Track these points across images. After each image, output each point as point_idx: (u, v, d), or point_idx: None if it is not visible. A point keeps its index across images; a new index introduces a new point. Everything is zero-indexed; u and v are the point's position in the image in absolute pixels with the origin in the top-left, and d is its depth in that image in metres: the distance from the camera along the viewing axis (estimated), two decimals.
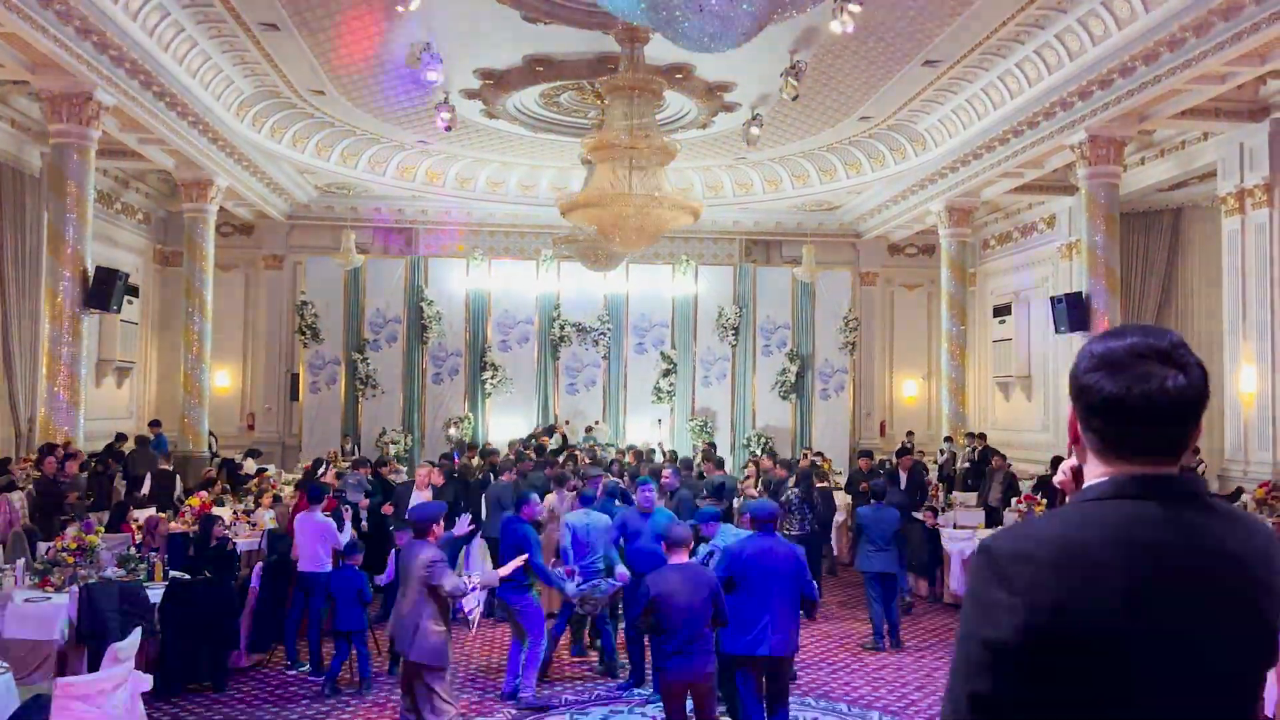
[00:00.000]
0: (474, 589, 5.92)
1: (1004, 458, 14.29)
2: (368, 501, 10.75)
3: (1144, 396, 1.47)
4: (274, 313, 20.32)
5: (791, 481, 11.33)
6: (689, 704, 5.64)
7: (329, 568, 8.24)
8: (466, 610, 6.40)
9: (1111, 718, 1.45)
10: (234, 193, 17.04)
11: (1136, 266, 16.26)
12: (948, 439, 17.00)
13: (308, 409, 19.94)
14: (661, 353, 20.84)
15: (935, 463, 16.89)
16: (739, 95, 14.29)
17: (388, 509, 10.40)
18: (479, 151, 17.64)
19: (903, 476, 13.14)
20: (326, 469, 12.39)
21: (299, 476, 14.60)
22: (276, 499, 11.81)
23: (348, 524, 8.63)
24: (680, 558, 5.68)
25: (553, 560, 8.06)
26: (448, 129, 14.20)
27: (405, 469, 16.62)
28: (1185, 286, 16.33)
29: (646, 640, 6.69)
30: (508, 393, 20.16)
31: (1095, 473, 1.55)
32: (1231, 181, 13.41)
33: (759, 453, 18.60)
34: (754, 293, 21.23)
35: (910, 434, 19.19)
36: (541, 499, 8.47)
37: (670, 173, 14.02)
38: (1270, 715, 6.18)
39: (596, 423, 19.92)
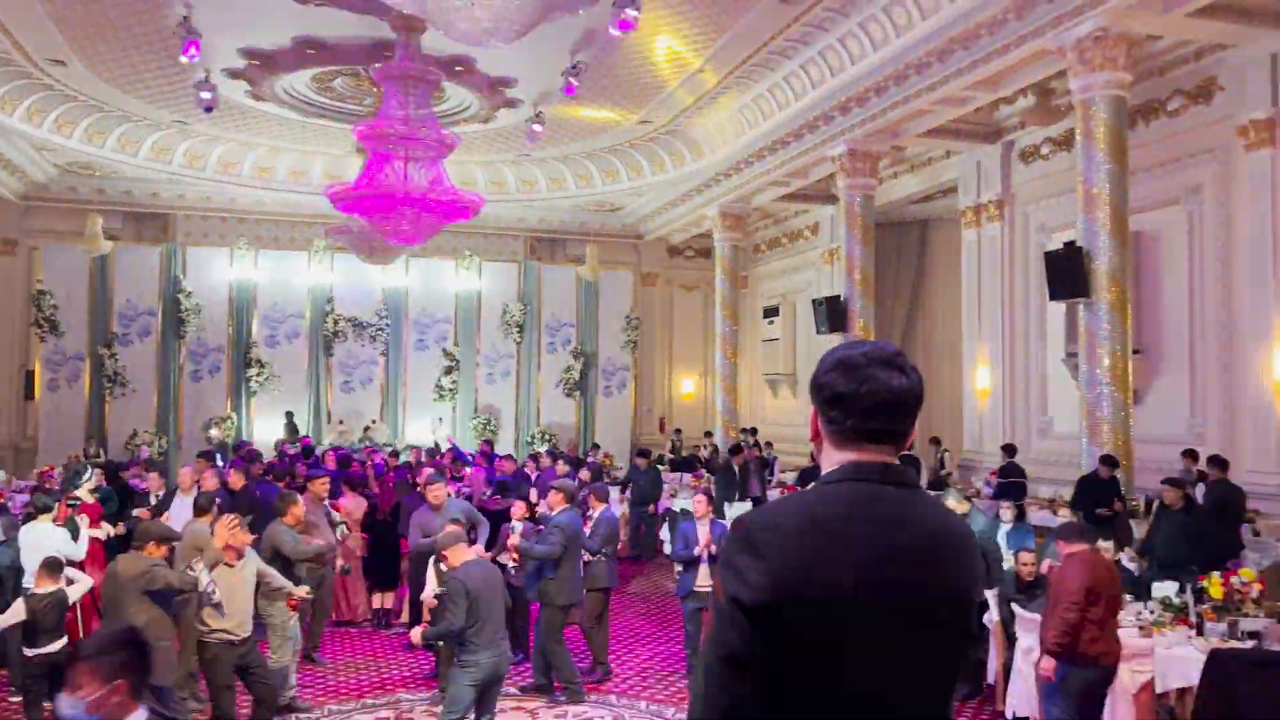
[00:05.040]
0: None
1: (752, 448, 15.02)
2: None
3: (871, 393, 1.74)
4: (5, 303, 18.28)
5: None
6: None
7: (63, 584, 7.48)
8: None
9: (845, 666, 1.64)
10: None
11: (890, 273, 17.51)
12: (708, 433, 17.76)
13: (45, 409, 18.11)
14: (444, 350, 20.46)
15: (702, 458, 17.54)
16: (521, 91, 14.23)
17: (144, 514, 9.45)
18: (245, 134, 16.62)
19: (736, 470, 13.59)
20: (90, 475, 10.98)
21: (33, 482, 13.23)
22: (3, 509, 10.58)
23: (84, 533, 7.88)
24: (465, 554, 5.71)
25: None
26: (209, 110, 13.28)
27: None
28: (932, 292, 17.76)
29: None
30: (275, 391, 19.13)
31: (833, 461, 1.78)
32: (970, 197, 14.72)
33: (549, 448, 18.60)
34: (539, 290, 21.25)
35: (752, 430, 19.66)
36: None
37: (451, 166, 13.76)
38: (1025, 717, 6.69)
39: (374, 421, 19.31)
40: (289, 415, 18.54)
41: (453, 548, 5.77)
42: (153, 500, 9.29)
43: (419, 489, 9.64)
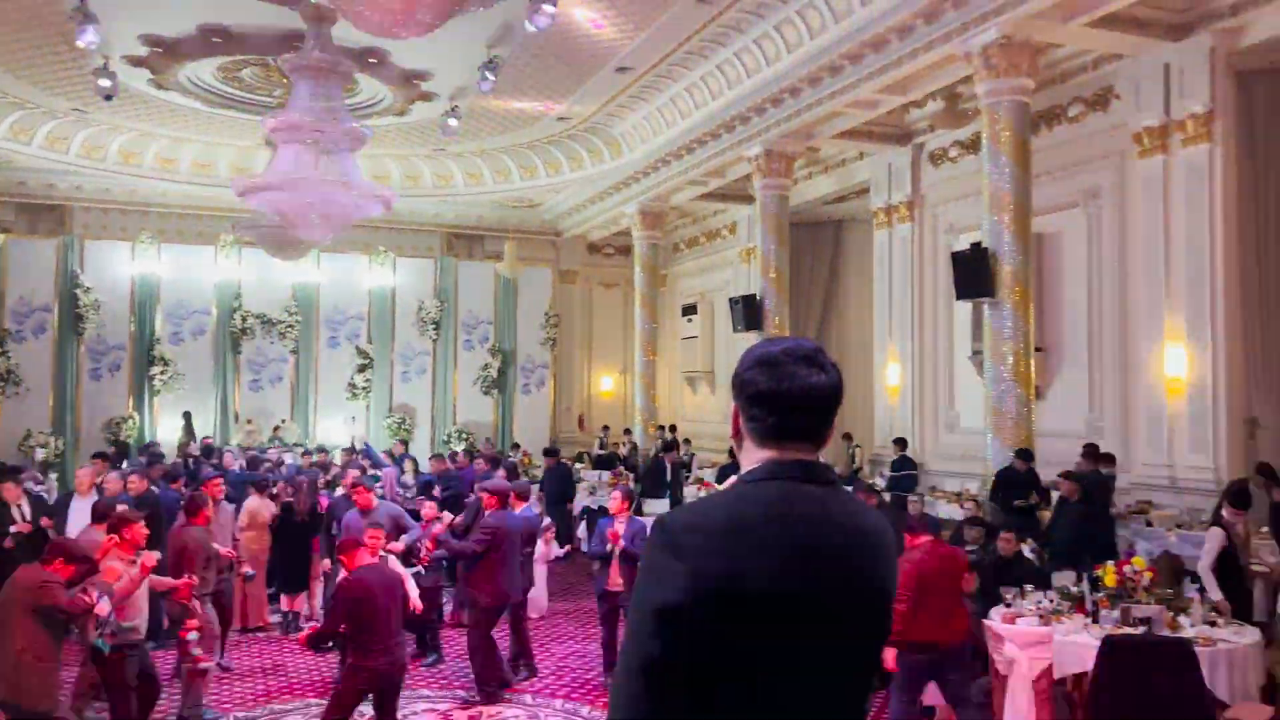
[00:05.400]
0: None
1: (673, 450, 15.10)
2: None
3: (791, 390, 1.72)
4: None
5: None
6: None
7: None
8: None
9: (771, 669, 1.61)
10: None
11: (805, 272, 17.77)
12: (626, 431, 17.83)
13: None
14: (357, 347, 20.08)
15: (621, 455, 17.58)
16: (437, 85, 14.02)
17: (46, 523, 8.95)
18: (147, 124, 16.03)
19: (669, 468, 13.59)
20: None
21: None
22: None
23: None
24: (367, 557, 5.60)
25: None
26: (108, 98, 12.78)
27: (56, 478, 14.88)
28: (845, 291, 18.09)
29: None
30: (180, 390, 18.49)
31: (754, 459, 1.76)
32: (881, 198, 15.03)
33: (466, 447, 18.42)
34: (455, 287, 21.00)
35: (671, 427, 19.54)
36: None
37: (364, 160, 13.51)
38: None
39: (284, 421, 18.85)
40: (186, 415, 17.94)
41: (352, 551, 5.67)
42: (15, 514, 8.70)
43: (346, 492, 9.45)
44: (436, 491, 9.72)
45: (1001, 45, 9.55)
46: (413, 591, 6.57)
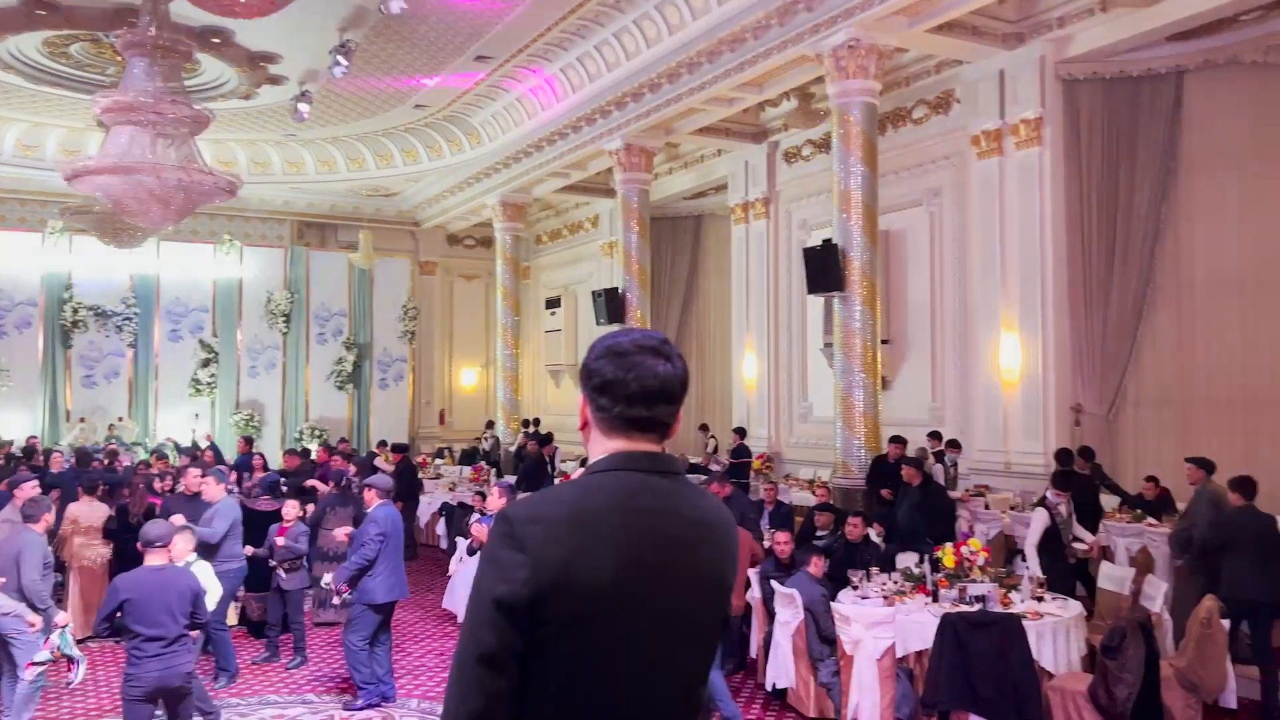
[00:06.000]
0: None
1: (536, 443, 15.09)
2: None
3: (638, 379, 1.72)
4: None
5: None
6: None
7: None
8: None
9: (610, 658, 1.63)
10: None
11: (666, 266, 17.99)
12: (489, 424, 17.69)
13: None
14: (200, 340, 19.13)
15: (483, 450, 17.41)
16: (286, 68, 13.48)
17: None
18: None
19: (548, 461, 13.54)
20: None
21: None
22: None
23: None
24: (158, 559, 5.30)
25: None
26: None
27: None
28: (705, 284, 18.39)
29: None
30: (3, 387, 17.20)
31: (601, 450, 1.76)
32: (739, 194, 15.34)
33: (315, 445, 17.82)
34: (307, 278, 20.28)
35: (535, 420, 19.32)
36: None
37: (208, 144, 12.87)
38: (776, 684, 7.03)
39: (120, 419, 17.79)
40: None
41: (152, 550, 5.35)
42: None
43: (184, 491, 8.99)
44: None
45: (850, 47, 9.89)
46: (209, 601, 6.16)
